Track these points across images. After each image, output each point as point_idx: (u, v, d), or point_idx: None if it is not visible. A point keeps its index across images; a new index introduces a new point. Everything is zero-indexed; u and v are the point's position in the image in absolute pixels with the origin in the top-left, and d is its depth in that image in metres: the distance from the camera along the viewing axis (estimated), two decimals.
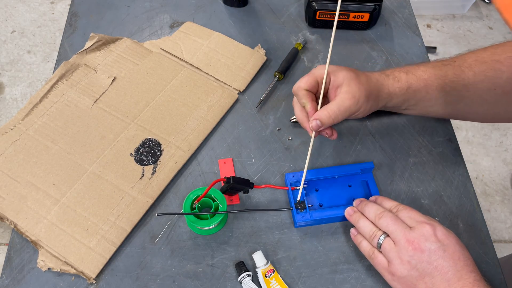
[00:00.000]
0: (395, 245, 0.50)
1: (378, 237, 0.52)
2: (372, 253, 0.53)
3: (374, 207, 0.55)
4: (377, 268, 0.53)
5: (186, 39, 0.77)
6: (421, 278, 0.48)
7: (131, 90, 0.71)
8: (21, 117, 0.67)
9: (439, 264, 0.48)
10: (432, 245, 0.48)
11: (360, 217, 0.56)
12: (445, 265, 0.48)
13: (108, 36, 0.75)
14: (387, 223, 0.52)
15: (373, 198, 0.59)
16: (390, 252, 0.50)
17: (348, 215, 0.57)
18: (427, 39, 1.95)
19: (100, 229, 0.58)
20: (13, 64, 1.82)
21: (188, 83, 0.72)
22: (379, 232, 0.52)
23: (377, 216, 0.53)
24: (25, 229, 0.58)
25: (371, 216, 0.55)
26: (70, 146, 0.64)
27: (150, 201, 0.61)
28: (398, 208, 0.54)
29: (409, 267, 0.48)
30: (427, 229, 0.49)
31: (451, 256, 0.48)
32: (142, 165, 0.63)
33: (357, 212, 0.57)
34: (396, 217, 0.52)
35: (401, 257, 0.49)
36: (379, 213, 0.54)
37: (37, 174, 0.62)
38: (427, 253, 0.48)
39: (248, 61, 0.75)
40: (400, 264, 0.49)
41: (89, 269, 0.55)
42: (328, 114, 0.54)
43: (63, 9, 2.00)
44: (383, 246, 0.51)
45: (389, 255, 0.50)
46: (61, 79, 0.70)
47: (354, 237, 0.56)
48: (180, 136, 0.66)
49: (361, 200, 0.58)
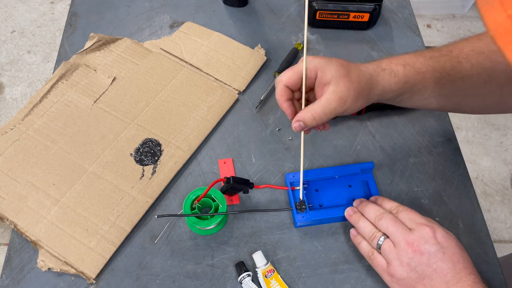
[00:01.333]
0: (395, 246, 0.50)
1: (377, 238, 0.52)
2: (372, 254, 0.53)
3: (374, 208, 0.55)
4: (376, 269, 0.53)
5: (186, 39, 0.77)
6: (420, 280, 0.48)
7: (131, 90, 0.71)
8: (21, 117, 0.66)
9: (438, 266, 0.48)
10: (431, 248, 0.48)
11: (360, 218, 0.56)
12: (444, 267, 0.48)
13: (108, 36, 0.75)
14: (387, 224, 0.52)
15: (373, 199, 0.59)
16: (390, 253, 0.50)
17: (348, 215, 0.57)
18: (427, 39, 1.95)
19: (100, 229, 0.58)
20: (13, 64, 1.82)
21: (188, 83, 0.72)
22: (379, 233, 0.52)
23: (377, 217, 0.53)
24: (25, 229, 0.58)
25: (371, 217, 0.55)
26: (70, 146, 0.64)
27: (150, 201, 0.61)
28: (398, 209, 0.54)
29: (409, 269, 0.48)
30: (427, 231, 0.49)
31: (450, 259, 0.48)
32: (142, 165, 0.63)
33: (357, 213, 0.57)
34: (396, 219, 0.52)
35: (401, 259, 0.49)
36: (379, 214, 0.54)
37: (37, 174, 0.62)
38: (427, 255, 0.48)
39: (248, 61, 0.75)
40: (400, 265, 0.49)
41: (89, 269, 0.55)
42: (312, 116, 0.51)
43: (63, 9, 2.00)
44: (383, 247, 0.51)
45: (389, 257, 0.50)
46: (61, 79, 0.70)
47: (354, 238, 0.56)
48: (180, 136, 0.66)
49: (361, 201, 0.58)
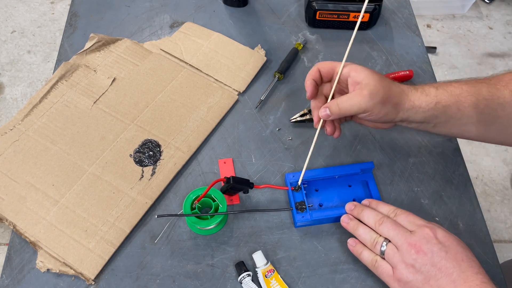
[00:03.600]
0: (398, 250, 0.50)
1: (380, 243, 0.52)
2: (375, 262, 0.52)
3: (372, 213, 0.55)
4: (382, 277, 0.52)
5: (186, 40, 0.77)
6: (426, 281, 0.48)
7: (131, 91, 0.71)
8: (21, 118, 0.66)
9: (442, 265, 0.47)
10: (434, 247, 0.48)
11: (359, 225, 0.55)
12: (448, 266, 0.47)
13: (108, 37, 0.75)
14: (388, 228, 0.51)
15: (366, 202, 0.58)
16: (394, 257, 0.50)
17: (344, 223, 0.57)
18: (427, 39, 1.95)
19: (99, 230, 0.58)
20: (13, 64, 1.82)
21: (188, 84, 0.72)
22: (381, 238, 0.52)
23: (377, 222, 0.53)
24: (24, 230, 0.58)
25: (370, 223, 0.54)
26: (69, 147, 0.64)
27: (149, 202, 0.61)
28: (396, 212, 0.54)
29: (414, 270, 0.48)
30: (427, 232, 0.49)
31: (454, 257, 0.48)
32: (142, 166, 0.63)
33: (354, 220, 0.56)
34: (396, 222, 0.52)
35: (405, 261, 0.49)
36: (378, 219, 0.53)
37: (36, 174, 0.62)
38: (430, 255, 0.48)
39: (248, 62, 0.75)
40: (405, 268, 0.49)
41: (88, 270, 0.55)
42: (337, 105, 0.53)
43: (63, 9, 2.00)
44: (386, 252, 0.51)
45: (393, 261, 0.50)
46: (61, 79, 0.70)
47: (354, 248, 0.55)
48: (179, 137, 0.66)
49: (355, 205, 0.57)
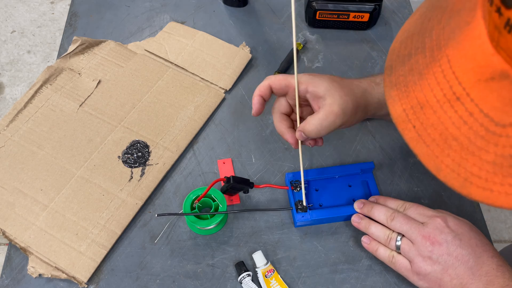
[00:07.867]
0: (413, 244, 0.50)
1: (394, 239, 0.52)
2: (392, 257, 0.52)
3: (382, 209, 0.54)
4: (400, 272, 0.52)
5: (170, 40, 0.77)
6: (444, 271, 0.48)
7: (117, 92, 0.70)
8: (6, 124, 0.66)
9: (458, 253, 0.48)
10: (447, 236, 0.48)
11: (371, 223, 0.55)
12: (464, 253, 0.48)
13: (91, 39, 0.75)
14: (400, 223, 0.51)
15: (373, 199, 0.59)
16: (410, 251, 0.50)
17: (356, 223, 0.57)
18: None
19: (90, 233, 0.58)
20: (13, 64, 1.82)
21: (174, 83, 0.72)
22: (394, 234, 0.52)
23: (389, 218, 0.53)
24: (14, 236, 0.57)
25: (382, 219, 0.54)
26: (56, 151, 0.64)
27: (140, 203, 0.60)
28: (405, 206, 0.54)
29: (431, 262, 0.48)
30: (439, 222, 0.49)
31: (468, 244, 0.48)
32: (131, 167, 0.63)
33: (365, 218, 0.56)
34: (408, 216, 0.52)
35: (422, 254, 0.49)
36: (389, 214, 0.53)
37: (24, 180, 0.61)
38: (445, 245, 0.48)
39: (233, 60, 0.75)
40: (422, 261, 0.49)
41: (80, 273, 0.55)
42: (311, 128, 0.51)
43: (63, 9, 2.00)
44: (402, 246, 0.51)
45: (409, 255, 0.50)
46: (45, 83, 0.70)
47: (368, 246, 0.55)
48: (167, 137, 0.66)
49: (363, 203, 0.57)
